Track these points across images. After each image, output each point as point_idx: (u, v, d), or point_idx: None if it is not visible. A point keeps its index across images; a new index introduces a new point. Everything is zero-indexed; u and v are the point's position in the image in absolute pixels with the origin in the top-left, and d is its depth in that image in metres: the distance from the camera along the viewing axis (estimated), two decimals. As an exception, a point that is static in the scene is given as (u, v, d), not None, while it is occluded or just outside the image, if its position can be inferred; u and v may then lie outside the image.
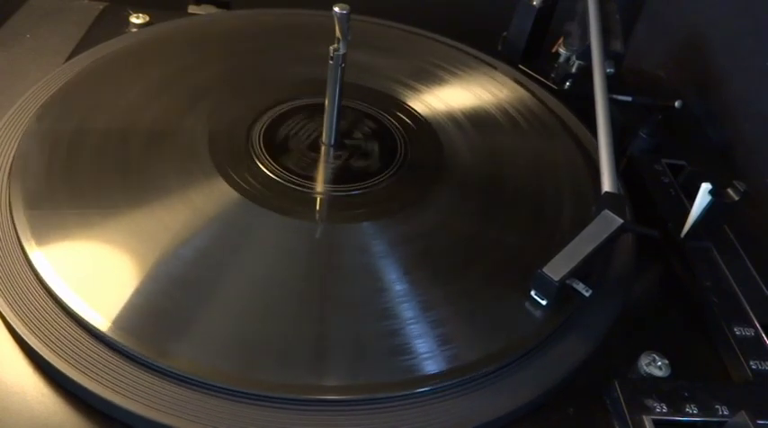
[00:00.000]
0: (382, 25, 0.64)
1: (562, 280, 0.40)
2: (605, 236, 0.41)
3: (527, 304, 0.41)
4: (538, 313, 0.40)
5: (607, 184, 0.45)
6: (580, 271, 0.40)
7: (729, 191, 0.46)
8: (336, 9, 0.42)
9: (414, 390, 0.36)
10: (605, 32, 0.59)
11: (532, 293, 0.41)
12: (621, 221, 0.42)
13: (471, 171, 0.50)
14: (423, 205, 0.46)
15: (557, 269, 0.40)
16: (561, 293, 0.40)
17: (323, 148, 0.49)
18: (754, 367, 0.41)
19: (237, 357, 0.36)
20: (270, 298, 0.39)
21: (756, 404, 0.38)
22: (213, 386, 0.35)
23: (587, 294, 0.41)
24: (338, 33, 0.43)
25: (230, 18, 0.64)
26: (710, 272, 0.46)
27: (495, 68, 0.61)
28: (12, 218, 0.41)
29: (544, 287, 0.40)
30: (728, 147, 0.64)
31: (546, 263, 0.40)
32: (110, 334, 0.36)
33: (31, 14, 0.62)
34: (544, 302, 0.41)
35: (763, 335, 0.43)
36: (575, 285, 0.41)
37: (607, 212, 0.42)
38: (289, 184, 0.46)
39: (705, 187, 0.46)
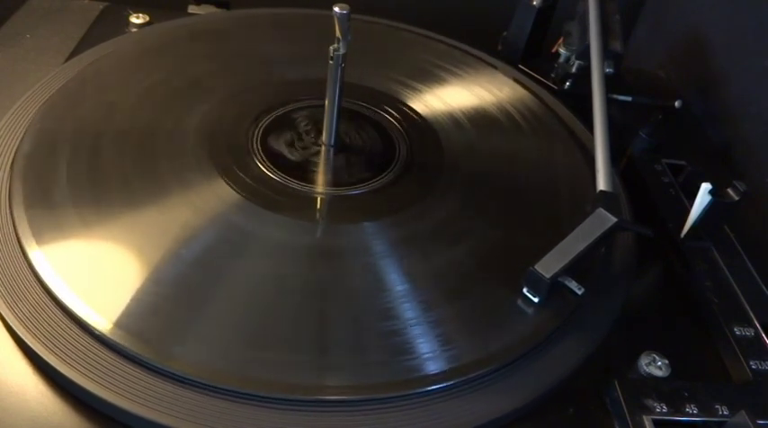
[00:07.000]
0: (382, 25, 0.64)
1: (554, 278, 0.40)
2: (599, 233, 0.41)
3: (521, 302, 0.41)
4: (538, 313, 0.40)
5: (602, 183, 0.45)
6: (573, 269, 0.40)
7: (729, 191, 0.46)
8: (336, 9, 0.42)
9: (414, 390, 0.36)
10: (605, 32, 0.59)
11: (524, 290, 0.41)
12: (615, 219, 0.42)
13: (471, 171, 0.50)
14: (423, 205, 0.46)
15: (549, 266, 0.40)
16: (553, 291, 0.40)
17: (323, 149, 0.49)
18: (754, 367, 0.41)
19: (238, 358, 0.36)
20: (270, 299, 0.39)
21: (756, 404, 0.38)
22: (213, 387, 0.35)
23: (580, 292, 0.40)
24: (338, 33, 0.43)
25: (230, 18, 0.64)
26: (710, 272, 0.46)
27: (496, 68, 0.61)
28: (12, 217, 0.41)
29: (536, 284, 0.40)
30: (728, 147, 0.64)
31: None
32: (109, 334, 0.36)
33: (31, 14, 0.62)
34: (536, 299, 0.41)
35: (763, 335, 0.43)
36: (567, 283, 0.41)
37: (601, 210, 0.42)
38: (289, 185, 0.46)
39: (705, 187, 0.46)
